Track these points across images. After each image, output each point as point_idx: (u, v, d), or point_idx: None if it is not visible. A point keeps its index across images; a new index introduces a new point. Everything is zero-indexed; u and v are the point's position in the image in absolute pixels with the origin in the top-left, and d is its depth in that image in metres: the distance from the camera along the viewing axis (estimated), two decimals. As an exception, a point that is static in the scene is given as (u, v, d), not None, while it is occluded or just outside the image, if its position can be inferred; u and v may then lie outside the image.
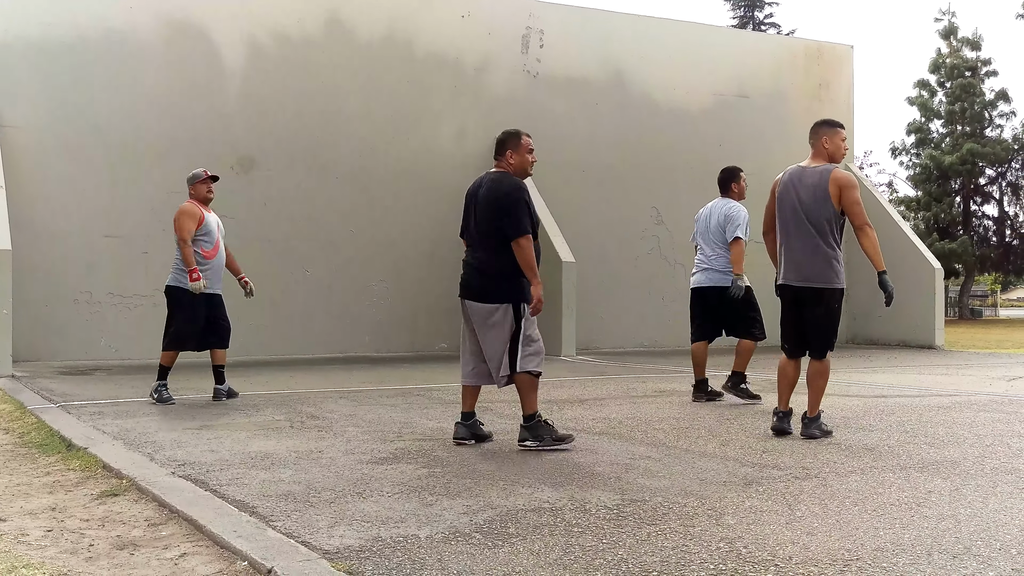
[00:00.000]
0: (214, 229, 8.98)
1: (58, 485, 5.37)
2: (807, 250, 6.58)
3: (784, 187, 6.76)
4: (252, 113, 15.29)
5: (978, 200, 41.71)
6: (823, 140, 6.79)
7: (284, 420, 7.55)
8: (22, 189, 13.49)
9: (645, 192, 17.97)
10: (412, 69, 16.36)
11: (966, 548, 3.81)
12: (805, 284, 6.61)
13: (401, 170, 16.19)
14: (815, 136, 6.87)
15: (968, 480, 5.15)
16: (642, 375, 11.91)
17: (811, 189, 6.59)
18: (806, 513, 4.39)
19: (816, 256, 6.56)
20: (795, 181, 6.72)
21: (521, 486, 4.97)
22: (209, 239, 8.89)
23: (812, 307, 6.61)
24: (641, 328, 17.88)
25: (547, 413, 7.95)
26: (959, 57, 40.88)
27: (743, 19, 51.71)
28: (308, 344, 15.40)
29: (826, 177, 6.58)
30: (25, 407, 8.43)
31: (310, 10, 15.74)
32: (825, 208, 6.53)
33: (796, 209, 6.62)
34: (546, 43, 17.45)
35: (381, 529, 4.11)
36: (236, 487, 4.98)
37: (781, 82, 19.71)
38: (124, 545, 4.11)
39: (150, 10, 14.67)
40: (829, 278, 6.55)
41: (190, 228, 8.75)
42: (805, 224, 6.57)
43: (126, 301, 14.35)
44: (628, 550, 3.78)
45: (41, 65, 14.05)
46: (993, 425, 7.28)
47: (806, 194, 6.60)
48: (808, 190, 6.60)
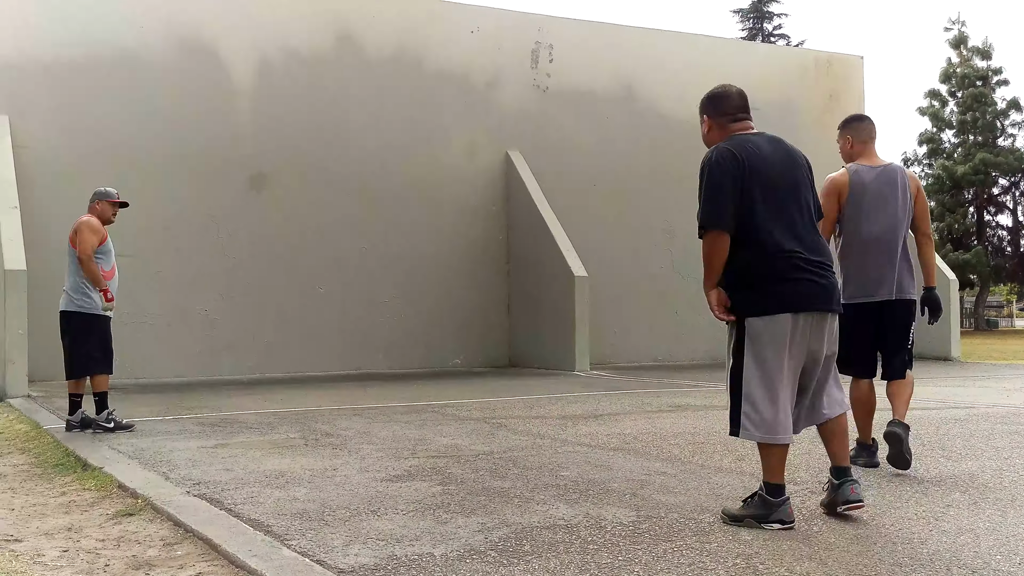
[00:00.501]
0: (112, 249, 8.33)
1: (74, 505, 5.38)
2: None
3: (858, 187, 5.92)
4: (263, 130, 15.37)
5: (992, 210, 41.60)
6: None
7: (298, 438, 7.55)
8: (36, 209, 13.57)
9: (657, 205, 17.96)
10: (422, 84, 16.42)
11: (985, 563, 3.77)
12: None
13: (411, 185, 16.24)
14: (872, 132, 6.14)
15: (987, 493, 5.11)
16: (656, 390, 11.88)
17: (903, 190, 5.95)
18: (823, 528, 4.36)
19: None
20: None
21: (536, 503, 4.95)
22: (108, 259, 8.24)
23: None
24: (655, 342, 17.85)
25: (562, 429, 7.94)
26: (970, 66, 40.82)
27: (752, 31, 51.75)
28: (321, 361, 15.42)
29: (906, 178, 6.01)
30: (41, 427, 8.46)
31: (320, 27, 15.83)
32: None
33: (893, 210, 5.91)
34: (555, 57, 17.49)
35: (396, 547, 4.10)
36: (251, 506, 4.98)
37: (791, 93, 19.70)
38: (140, 565, 4.11)
39: (161, 29, 14.78)
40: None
41: (93, 243, 8.06)
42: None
43: (140, 320, 14.39)
44: (644, 567, 3.76)
45: (54, 85, 14.16)
46: (1011, 437, 7.22)
47: (895, 193, 5.93)
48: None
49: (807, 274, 4.41)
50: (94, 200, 8.44)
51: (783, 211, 4.45)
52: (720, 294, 4.53)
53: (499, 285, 16.91)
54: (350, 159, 15.89)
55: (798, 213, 4.49)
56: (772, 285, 4.39)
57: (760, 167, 4.44)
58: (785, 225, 4.43)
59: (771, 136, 4.69)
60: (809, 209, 4.56)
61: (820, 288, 4.43)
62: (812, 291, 4.41)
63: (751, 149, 4.48)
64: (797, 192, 4.52)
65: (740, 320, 4.49)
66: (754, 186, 4.41)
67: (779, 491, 4.37)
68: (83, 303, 8.08)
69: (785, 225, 4.43)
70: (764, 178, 4.43)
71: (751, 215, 4.39)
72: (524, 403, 10.05)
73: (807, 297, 4.40)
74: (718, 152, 4.48)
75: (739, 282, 4.47)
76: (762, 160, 4.47)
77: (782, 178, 4.49)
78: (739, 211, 4.38)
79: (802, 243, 4.44)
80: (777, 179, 4.47)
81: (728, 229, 4.38)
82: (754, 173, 4.42)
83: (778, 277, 4.38)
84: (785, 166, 4.53)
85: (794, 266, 4.39)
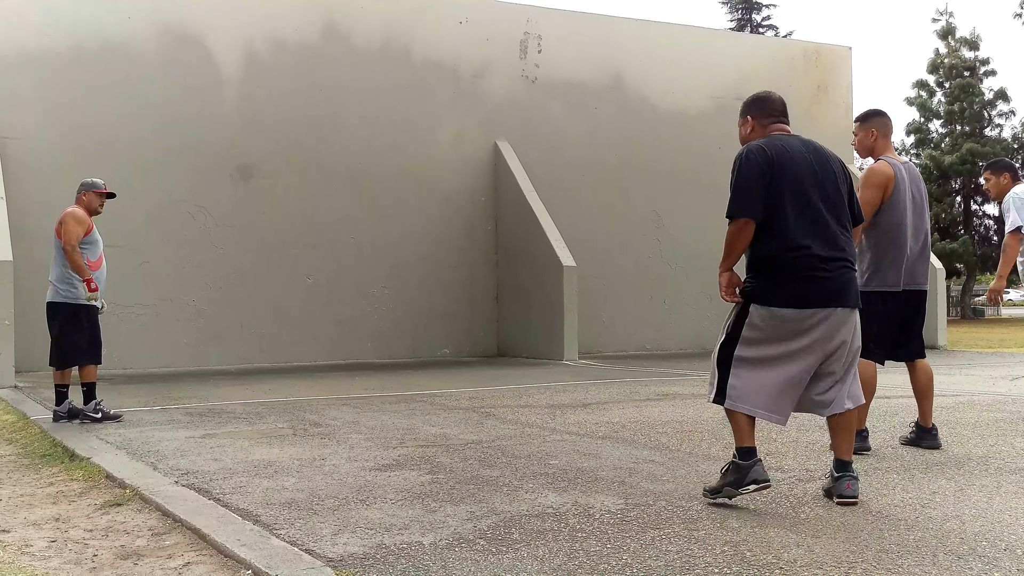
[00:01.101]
0: (99, 239, 8.29)
1: (61, 496, 5.36)
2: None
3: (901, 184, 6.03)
4: (250, 121, 15.32)
5: (979, 200, 41.76)
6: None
7: (287, 428, 7.55)
8: (22, 200, 13.51)
9: (645, 195, 17.98)
10: (410, 75, 16.39)
11: (971, 549, 3.80)
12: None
13: (400, 175, 16.22)
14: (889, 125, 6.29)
15: (972, 480, 5.14)
16: (644, 378, 11.90)
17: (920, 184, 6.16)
18: (810, 516, 4.38)
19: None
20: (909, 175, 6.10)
21: (524, 491, 4.96)
22: (95, 249, 8.18)
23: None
24: (643, 331, 17.89)
25: (551, 418, 7.96)
26: (957, 57, 40.93)
27: (741, 22, 51.75)
28: (310, 351, 15.41)
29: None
30: (28, 417, 8.43)
31: (307, 17, 15.77)
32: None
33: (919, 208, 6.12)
34: (544, 48, 17.47)
35: (385, 536, 4.10)
36: (239, 495, 4.98)
37: (779, 84, 19.63)
38: (128, 555, 4.10)
39: (148, 20, 14.71)
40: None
41: (78, 234, 8.01)
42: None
43: (127, 311, 14.35)
44: (632, 555, 3.77)
45: (40, 76, 14.08)
46: (997, 425, 7.26)
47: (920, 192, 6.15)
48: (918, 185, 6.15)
49: (823, 272, 4.53)
50: (81, 191, 8.40)
51: (808, 208, 4.57)
52: (732, 276, 4.69)
53: (487, 275, 16.91)
54: (339, 149, 15.85)
55: (825, 211, 4.60)
56: (785, 279, 4.53)
57: (788, 164, 4.59)
58: (809, 221, 4.55)
59: (806, 139, 4.83)
60: (836, 208, 4.66)
61: (835, 285, 4.55)
62: (826, 288, 4.53)
63: (781, 147, 4.64)
64: (825, 191, 4.64)
65: (746, 303, 4.62)
66: (782, 181, 4.54)
67: (750, 453, 4.55)
68: (68, 293, 8.02)
69: (809, 221, 4.55)
70: (791, 175, 4.57)
71: (776, 208, 4.53)
72: (513, 392, 10.06)
73: (819, 294, 4.52)
74: (749, 148, 4.67)
75: (754, 269, 4.63)
76: (791, 158, 4.61)
77: (811, 176, 4.62)
78: (766, 204, 4.53)
79: (824, 240, 4.56)
80: (805, 177, 4.60)
81: (756, 217, 4.53)
82: (783, 169, 4.56)
83: (792, 272, 4.52)
84: (815, 166, 4.66)
85: (810, 263, 4.52)
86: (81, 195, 8.38)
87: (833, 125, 20.10)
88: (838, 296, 4.56)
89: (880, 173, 6.04)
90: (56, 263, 8.11)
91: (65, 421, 8.00)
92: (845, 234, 4.68)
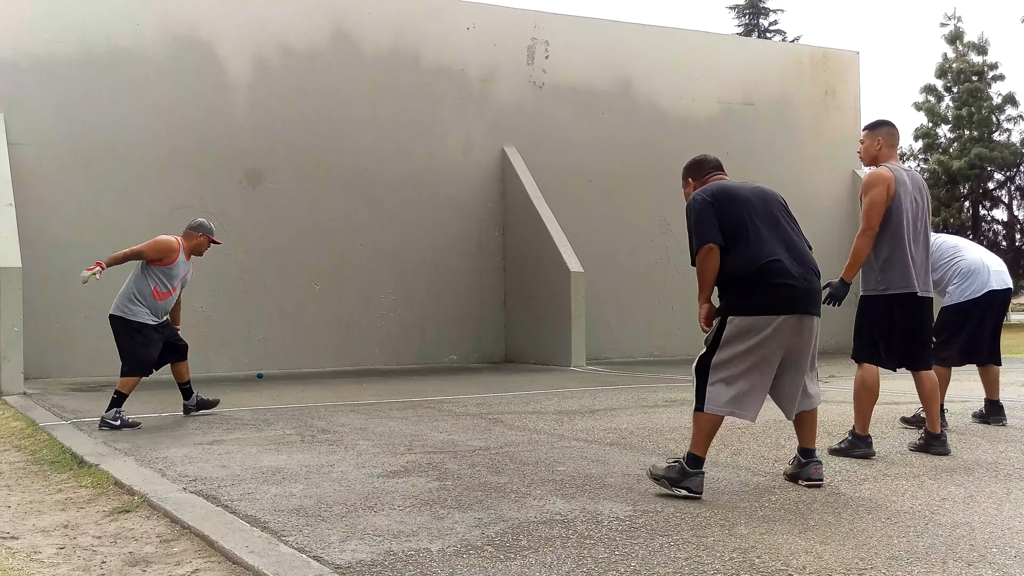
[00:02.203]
0: (179, 276, 8.48)
1: (70, 502, 5.37)
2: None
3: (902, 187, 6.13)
4: (259, 126, 15.35)
5: (987, 205, 41.61)
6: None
7: (295, 434, 7.55)
8: (31, 206, 13.55)
9: (653, 201, 17.96)
10: (418, 80, 16.41)
11: (981, 556, 3.78)
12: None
13: (408, 180, 16.23)
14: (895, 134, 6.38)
15: (982, 487, 5.12)
16: (652, 384, 11.89)
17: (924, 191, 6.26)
18: (819, 522, 4.37)
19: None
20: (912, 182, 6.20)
21: (532, 498, 4.96)
22: (168, 282, 8.38)
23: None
24: (650, 337, 17.86)
25: (559, 424, 7.95)
26: (965, 62, 40.81)
27: (748, 27, 51.71)
28: (317, 357, 15.42)
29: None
30: (37, 424, 8.45)
31: (316, 22, 15.80)
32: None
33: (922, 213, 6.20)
34: (551, 53, 17.48)
35: (393, 543, 4.10)
36: (247, 502, 4.98)
37: (787, 89, 19.71)
38: (136, 562, 4.11)
39: (157, 25, 14.75)
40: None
41: (149, 256, 8.30)
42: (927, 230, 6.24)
43: (136, 316, 14.36)
44: (641, 561, 3.77)
45: (49, 82, 14.13)
46: (1006, 431, 7.24)
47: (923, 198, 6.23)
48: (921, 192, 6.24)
49: (789, 279, 4.97)
50: (198, 230, 8.67)
51: (766, 226, 5.08)
52: (711, 307, 5.17)
53: (495, 281, 16.90)
54: (346, 155, 15.87)
55: (780, 226, 5.13)
56: (755, 289, 4.97)
57: (733, 195, 5.16)
58: (770, 237, 5.05)
59: (743, 181, 5.42)
60: (793, 226, 5.20)
61: (799, 293, 4.99)
62: (792, 295, 4.97)
63: (723, 184, 5.27)
64: (773, 211, 5.18)
65: (724, 318, 5.03)
66: (732, 208, 5.09)
67: (698, 463, 4.97)
68: (125, 309, 8.28)
69: (770, 237, 5.05)
70: (740, 200, 5.13)
71: (736, 231, 5.04)
72: (520, 398, 10.05)
73: (786, 301, 4.96)
74: (692, 196, 5.27)
75: (727, 286, 5.08)
76: (733, 190, 5.20)
77: (758, 200, 5.18)
78: (723, 229, 5.04)
79: (785, 252, 5.04)
80: (753, 201, 5.16)
81: (716, 241, 5.02)
82: (729, 198, 5.12)
83: (761, 283, 4.96)
84: (758, 193, 5.24)
85: (776, 273, 4.97)
86: (197, 233, 8.66)
87: (841, 130, 20.10)
88: (805, 303, 4.99)
89: (879, 174, 6.14)
90: (131, 278, 8.41)
91: (195, 413, 8.70)
92: (803, 246, 5.16)
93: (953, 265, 7.47)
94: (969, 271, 7.41)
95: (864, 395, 6.10)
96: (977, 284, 7.37)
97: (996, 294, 7.42)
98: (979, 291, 7.35)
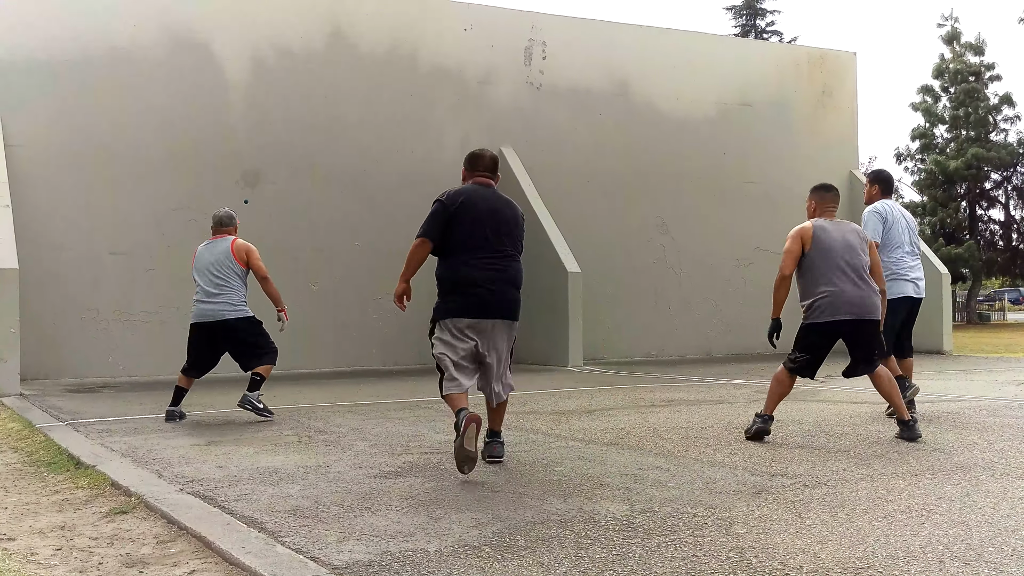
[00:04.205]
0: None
1: (67, 503, 5.37)
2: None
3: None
4: (256, 127, 15.35)
5: (984, 204, 41.70)
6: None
7: (292, 435, 7.55)
8: (28, 207, 13.54)
9: (650, 201, 17.98)
10: (415, 81, 16.41)
11: (977, 555, 3.79)
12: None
13: (405, 181, 16.22)
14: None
15: (979, 486, 5.13)
16: (649, 384, 11.89)
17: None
18: (816, 521, 4.37)
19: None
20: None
21: (530, 498, 4.96)
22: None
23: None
24: (648, 337, 17.87)
25: (556, 424, 7.96)
26: (962, 62, 40.86)
27: (745, 28, 51.74)
28: (315, 358, 15.41)
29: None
30: (33, 425, 8.44)
31: (313, 24, 15.80)
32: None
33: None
34: (549, 54, 17.49)
35: (390, 543, 4.10)
36: (244, 503, 4.98)
37: (784, 90, 19.72)
38: (133, 563, 4.10)
39: (154, 27, 14.75)
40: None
41: (257, 262, 9.07)
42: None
43: (132, 318, 14.38)
44: (638, 561, 3.77)
45: (46, 83, 14.12)
46: (1003, 430, 7.25)
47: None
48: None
49: (481, 290, 5.80)
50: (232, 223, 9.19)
51: (476, 239, 5.85)
52: (405, 287, 6.22)
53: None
54: (344, 156, 15.87)
55: (492, 241, 5.89)
56: (455, 296, 5.87)
57: (467, 204, 5.90)
58: (475, 249, 5.84)
59: (494, 192, 6.09)
60: (504, 240, 5.95)
61: (487, 302, 5.83)
62: (481, 303, 5.82)
63: (467, 192, 6.00)
64: (497, 226, 5.92)
65: (434, 319, 6.00)
66: (460, 217, 5.86)
67: (461, 411, 5.54)
68: (246, 309, 8.98)
69: (475, 249, 5.84)
70: (468, 213, 5.87)
71: (451, 238, 5.89)
72: (517, 399, 10.04)
73: (475, 307, 5.82)
74: (446, 192, 6.04)
75: (438, 289, 6.02)
76: (470, 201, 5.92)
77: (486, 215, 5.89)
78: (444, 234, 5.90)
79: (485, 265, 5.84)
80: (480, 215, 5.88)
81: (431, 239, 5.97)
82: (461, 208, 5.88)
83: (459, 290, 5.85)
84: (492, 208, 5.95)
85: (471, 283, 5.81)
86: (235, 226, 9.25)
87: (838, 131, 20.12)
88: (495, 311, 5.85)
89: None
90: (235, 286, 8.94)
91: (266, 416, 8.78)
92: (508, 261, 5.94)
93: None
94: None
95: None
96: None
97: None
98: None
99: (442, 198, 5.98)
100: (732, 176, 18.73)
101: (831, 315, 6.76)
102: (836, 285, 6.75)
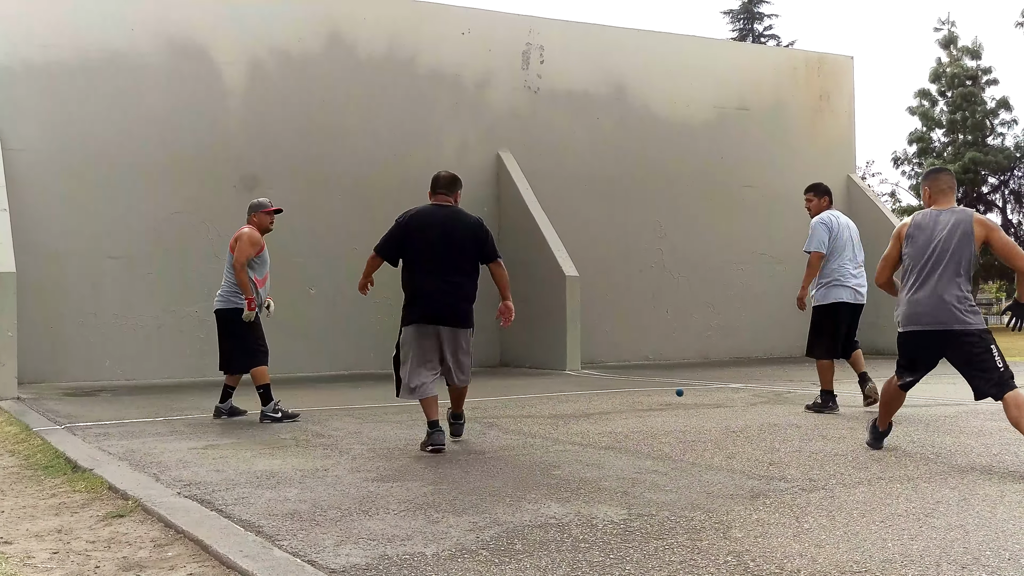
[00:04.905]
0: (268, 259, 9.12)
1: (64, 507, 5.36)
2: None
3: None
4: (254, 131, 15.34)
5: (981, 208, 41.74)
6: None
7: (289, 438, 7.54)
8: (26, 211, 13.54)
9: (647, 205, 17.98)
10: (413, 85, 16.41)
11: (975, 558, 3.79)
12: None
13: (403, 185, 16.16)
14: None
15: (976, 490, 5.13)
16: (647, 388, 11.89)
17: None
18: (813, 525, 4.37)
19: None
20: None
21: (527, 502, 4.96)
22: (263, 268, 9.01)
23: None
24: (645, 341, 17.87)
25: (553, 428, 7.96)
26: (959, 66, 40.95)
27: (743, 31, 51.84)
28: (313, 361, 15.39)
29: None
30: (30, 429, 8.43)
31: (311, 28, 15.81)
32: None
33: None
34: (546, 58, 17.50)
35: (387, 547, 4.10)
36: (242, 506, 4.97)
37: (782, 94, 19.74)
38: (130, 566, 4.10)
39: (152, 31, 14.74)
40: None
41: (249, 254, 8.76)
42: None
43: (130, 322, 14.37)
44: (635, 565, 3.77)
45: (44, 87, 14.12)
46: (1000, 434, 7.25)
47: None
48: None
49: (435, 302, 6.76)
50: (251, 213, 9.05)
51: (428, 255, 6.77)
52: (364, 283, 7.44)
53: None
54: (341, 160, 15.87)
55: (443, 258, 6.77)
56: (416, 304, 6.81)
57: (423, 223, 6.84)
58: (429, 263, 6.75)
59: (453, 209, 7.05)
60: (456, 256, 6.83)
61: (442, 312, 6.78)
62: (436, 312, 6.77)
63: (424, 211, 6.94)
64: (449, 244, 6.80)
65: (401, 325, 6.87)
66: (414, 236, 6.81)
67: (434, 424, 6.70)
68: (240, 302, 8.78)
69: (429, 263, 6.75)
70: (422, 232, 6.80)
71: (410, 253, 6.83)
72: (515, 402, 10.05)
73: (432, 316, 6.76)
74: (405, 212, 6.97)
75: (405, 297, 6.90)
76: (427, 221, 6.85)
77: (438, 234, 6.79)
78: (403, 249, 6.88)
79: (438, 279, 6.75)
80: (432, 234, 6.79)
81: (381, 256, 7.05)
82: (418, 226, 6.82)
83: (417, 301, 6.80)
84: (444, 227, 6.84)
85: (426, 295, 6.76)
86: (252, 217, 9.03)
87: (836, 135, 20.14)
88: (446, 318, 6.79)
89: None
90: (227, 277, 8.89)
91: (226, 418, 8.89)
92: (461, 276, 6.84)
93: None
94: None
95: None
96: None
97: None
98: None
99: (400, 219, 6.91)
100: (730, 180, 18.74)
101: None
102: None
